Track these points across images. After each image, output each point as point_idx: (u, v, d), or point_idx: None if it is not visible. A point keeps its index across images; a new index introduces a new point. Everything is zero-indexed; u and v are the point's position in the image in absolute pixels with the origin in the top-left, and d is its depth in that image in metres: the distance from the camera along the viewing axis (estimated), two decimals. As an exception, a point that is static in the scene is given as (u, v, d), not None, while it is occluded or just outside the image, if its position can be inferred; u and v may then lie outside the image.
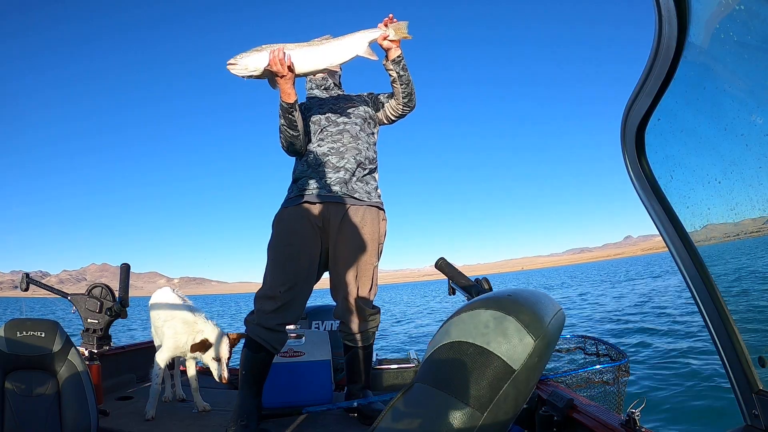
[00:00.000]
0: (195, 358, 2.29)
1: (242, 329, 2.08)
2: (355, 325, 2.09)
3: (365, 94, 2.30)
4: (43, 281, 2.84)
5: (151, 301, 2.44)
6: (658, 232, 0.96)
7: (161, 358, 2.24)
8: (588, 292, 19.44)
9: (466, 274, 2.01)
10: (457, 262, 2.03)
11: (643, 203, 0.98)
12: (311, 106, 2.20)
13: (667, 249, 0.95)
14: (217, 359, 2.18)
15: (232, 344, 2.23)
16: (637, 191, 0.99)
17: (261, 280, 2.05)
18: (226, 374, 2.17)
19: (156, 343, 2.41)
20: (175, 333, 2.23)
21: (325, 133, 2.11)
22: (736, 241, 0.90)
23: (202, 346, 2.18)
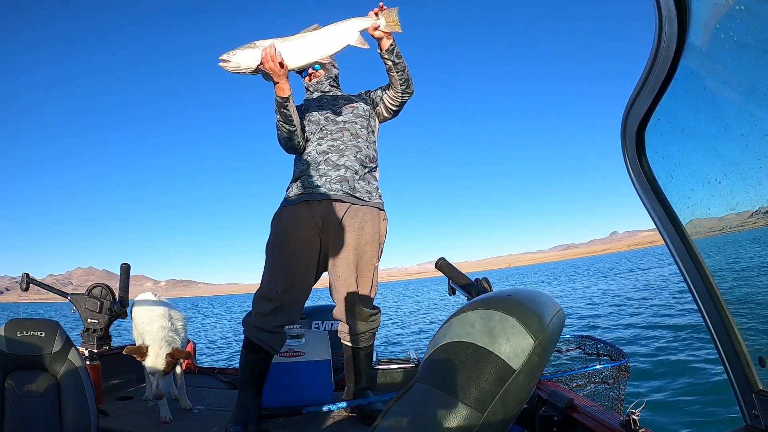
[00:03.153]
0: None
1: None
2: (355, 325, 2.07)
3: (362, 92, 2.30)
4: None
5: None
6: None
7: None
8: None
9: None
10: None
11: (643, 203, 0.98)
12: (309, 106, 2.20)
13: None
14: (152, 373, 2.10)
15: (169, 363, 2.12)
16: (637, 191, 0.99)
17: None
18: (158, 391, 2.09)
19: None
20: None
21: (325, 131, 2.11)
22: (733, 234, 0.89)
23: (138, 351, 2.16)
